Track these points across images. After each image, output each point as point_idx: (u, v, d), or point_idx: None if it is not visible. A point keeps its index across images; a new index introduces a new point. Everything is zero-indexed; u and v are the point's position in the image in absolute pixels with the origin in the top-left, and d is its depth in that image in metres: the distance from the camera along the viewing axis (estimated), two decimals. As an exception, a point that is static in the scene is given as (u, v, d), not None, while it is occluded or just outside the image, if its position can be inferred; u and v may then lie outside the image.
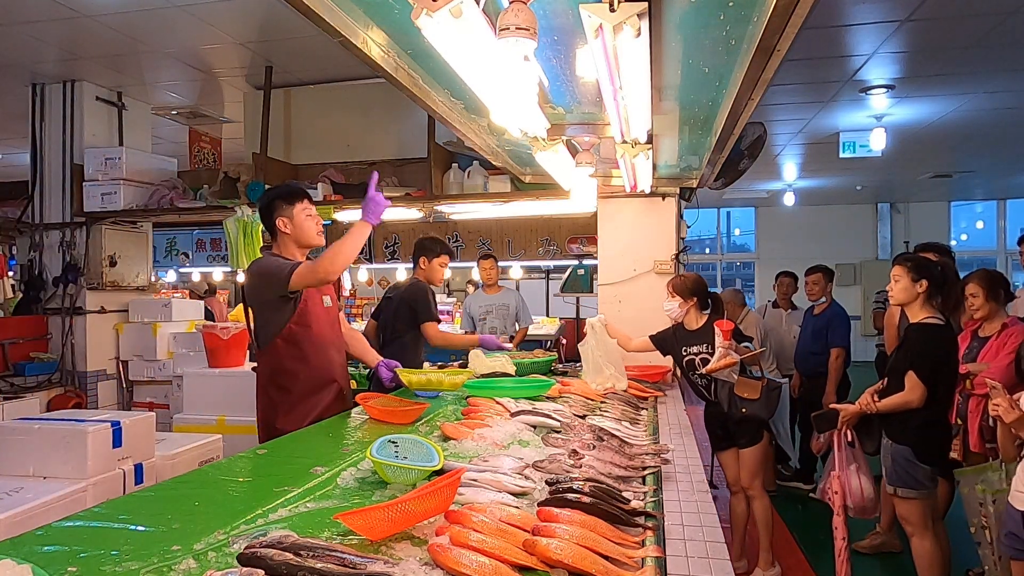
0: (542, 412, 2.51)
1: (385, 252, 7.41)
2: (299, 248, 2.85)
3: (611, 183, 4.30)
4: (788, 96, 6.23)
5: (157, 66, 5.38)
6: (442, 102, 2.73)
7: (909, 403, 3.00)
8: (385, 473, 1.71)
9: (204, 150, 6.99)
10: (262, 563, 1.16)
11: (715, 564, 1.43)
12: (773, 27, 1.69)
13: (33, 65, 5.32)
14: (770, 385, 3.47)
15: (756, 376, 3.52)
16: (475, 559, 1.21)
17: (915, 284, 3.08)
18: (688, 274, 3.89)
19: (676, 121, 3.08)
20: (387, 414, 2.61)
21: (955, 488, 4.07)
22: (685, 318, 3.68)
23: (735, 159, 4.65)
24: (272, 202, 2.85)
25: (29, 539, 1.40)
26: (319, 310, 2.84)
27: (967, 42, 4.89)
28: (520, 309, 5.86)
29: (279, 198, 2.84)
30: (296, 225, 2.81)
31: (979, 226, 14.32)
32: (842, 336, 5.15)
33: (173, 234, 8.92)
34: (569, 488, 1.55)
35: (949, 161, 9.55)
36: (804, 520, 4.87)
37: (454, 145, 5.31)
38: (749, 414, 3.47)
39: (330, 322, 2.91)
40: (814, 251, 11.99)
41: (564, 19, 1.88)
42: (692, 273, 3.93)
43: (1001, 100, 6.42)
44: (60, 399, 5.32)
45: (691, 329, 3.66)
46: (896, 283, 3.13)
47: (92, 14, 4.36)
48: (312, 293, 2.81)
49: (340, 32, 1.85)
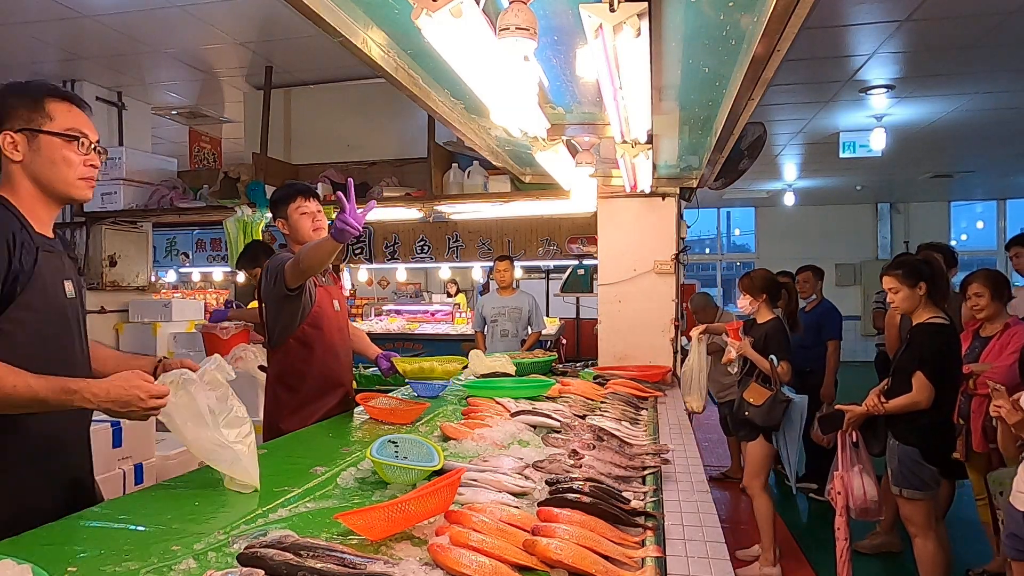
0: (542, 412, 2.51)
1: (385, 252, 7.41)
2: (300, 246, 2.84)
3: (611, 183, 4.30)
4: (788, 96, 6.23)
5: (157, 66, 5.38)
6: (442, 102, 2.73)
7: (917, 404, 2.99)
8: (385, 473, 1.71)
9: (204, 150, 6.99)
10: (262, 563, 1.16)
11: (715, 564, 1.43)
12: (773, 27, 1.69)
13: (33, 65, 5.32)
14: (777, 397, 3.56)
15: (769, 387, 3.64)
16: (475, 559, 1.21)
17: (914, 289, 3.08)
18: (755, 272, 4.05)
19: (676, 121, 3.07)
20: (387, 414, 2.61)
21: (955, 488, 4.08)
22: (757, 314, 3.91)
23: (735, 159, 4.64)
24: (273, 204, 2.88)
25: (29, 539, 1.40)
26: (330, 312, 2.85)
27: (967, 42, 4.89)
28: (532, 313, 5.80)
29: (276, 200, 2.86)
30: (291, 225, 2.81)
31: (979, 226, 14.33)
32: (836, 329, 5.17)
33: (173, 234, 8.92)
34: (569, 488, 1.55)
35: (949, 161, 9.55)
36: (805, 520, 4.88)
37: (454, 145, 5.31)
38: (749, 417, 3.69)
39: (339, 327, 2.91)
40: (814, 251, 12.00)
41: (564, 19, 1.88)
42: (760, 270, 4.09)
43: (1001, 100, 6.43)
44: (60, 399, 5.30)
45: (759, 322, 3.91)
46: (895, 294, 3.13)
47: (92, 14, 4.37)
48: (323, 297, 2.82)
49: (340, 32, 1.85)
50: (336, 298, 2.94)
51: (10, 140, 1.57)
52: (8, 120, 1.57)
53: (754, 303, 3.87)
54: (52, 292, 1.61)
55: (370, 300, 10.91)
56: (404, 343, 7.62)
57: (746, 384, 3.80)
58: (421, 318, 8.79)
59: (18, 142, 1.57)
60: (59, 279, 1.64)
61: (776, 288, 3.93)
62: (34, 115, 1.58)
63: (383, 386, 4.31)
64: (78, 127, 1.62)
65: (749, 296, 3.88)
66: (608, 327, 4.41)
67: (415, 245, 7.34)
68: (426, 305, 9.67)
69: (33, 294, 1.55)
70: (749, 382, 3.78)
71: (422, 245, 7.34)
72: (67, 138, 1.60)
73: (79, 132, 1.62)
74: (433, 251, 7.34)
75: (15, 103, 1.58)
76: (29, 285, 1.54)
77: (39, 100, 1.59)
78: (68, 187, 1.62)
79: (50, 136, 1.58)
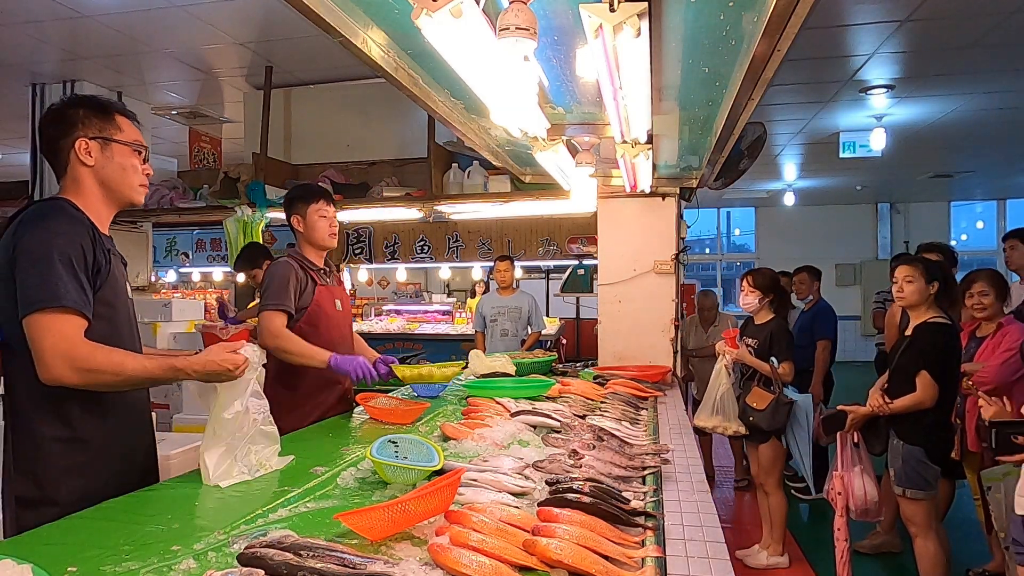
0: (542, 412, 2.50)
1: (385, 252, 7.41)
2: (312, 247, 2.87)
3: (611, 183, 4.30)
4: (788, 96, 6.23)
5: (157, 66, 5.38)
6: (442, 102, 2.73)
7: (922, 403, 3.00)
8: (385, 473, 1.71)
9: (204, 150, 6.99)
10: (262, 563, 1.16)
11: (715, 564, 1.42)
12: (773, 27, 1.69)
13: (33, 65, 5.32)
14: (780, 400, 3.56)
15: (771, 390, 3.65)
16: (475, 559, 1.21)
17: (929, 286, 3.09)
18: (766, 270, 4.04)
19: (676, 121, 3.07)
20: (387, 414, 2.61)
21: (955, 488, 4.08)
22: (757, 314, 3.90)
23: (735, 159, 4.64)
24: (291, 200, 2.89)
25: (29, 539, 1.40)
26: (331, 311, 2.86)
27: (967, 42, 4.89)
28: (532, 313, 5.79)
29: (295, 198, 2.88)
30: (308, 224, 2.83)
31: (979, 226, 14.33)
32: (828, 329, 5.16)
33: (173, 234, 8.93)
34: (569, 488, 1.55)
35: (949, 161, 9.55)
36: (805, 520, 4.88)
37: (454, 145, 5.32)
38: (754, 422, 3.70)
39: (339, 324, 2.91)
40: (814, 251, 12.00)
41: (564, 19, 1.88)
42: (769, 269, 4.08)
43: (1001, 100, 6.43)
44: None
45: (757, 323, 3.90)
46: (909, 284, 3.10)
47: (92, 14, 4.37)
48: (324, 296, 2.83)
49: (340, 32, 1.85)
50: (339, 298, 2.95)
51: (84, 145, 1.74)
52: (82, 128, 1.74)
53: (763, 300, 3.85)
54: (121, 289, 1.82)
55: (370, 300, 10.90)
56: (404, 343, 7.61)
57: (748, 389, 3.79)
58: (421, 318, 8.79)
59: (92, 148, 1.75)
60: (122, 278, 1.84)
61: (780, 291, 3.94)
62: (107, 126, 1.77)
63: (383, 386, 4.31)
64: (140, 140, 1.84)
65: (758, 293, 3.85)
66: (608, 327, 4.41)
67: (415, 245, 7.35)
68: (426, 305, 9.67)
69: (108, 291, 1.73)
70: (751, 387, 3.77)
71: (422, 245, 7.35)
72: (134, 148, 1.81)
73: (141, 145, 1.84)
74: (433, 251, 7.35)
75: (89, 114, 1.76)
76: (106, 282, 1.72)
77: (111, 114, 1.79)
78: (132, 191, 1.82)
79: (121, 145, 1.78)
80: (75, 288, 1.61)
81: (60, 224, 1.65)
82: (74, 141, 1.72)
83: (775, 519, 3.87)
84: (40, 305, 1.57)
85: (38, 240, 1.61)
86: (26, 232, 1.63)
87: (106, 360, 1.62)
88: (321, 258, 2.91)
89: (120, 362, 1.65)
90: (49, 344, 1.57)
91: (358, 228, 7.28)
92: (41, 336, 1.57)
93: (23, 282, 1.59)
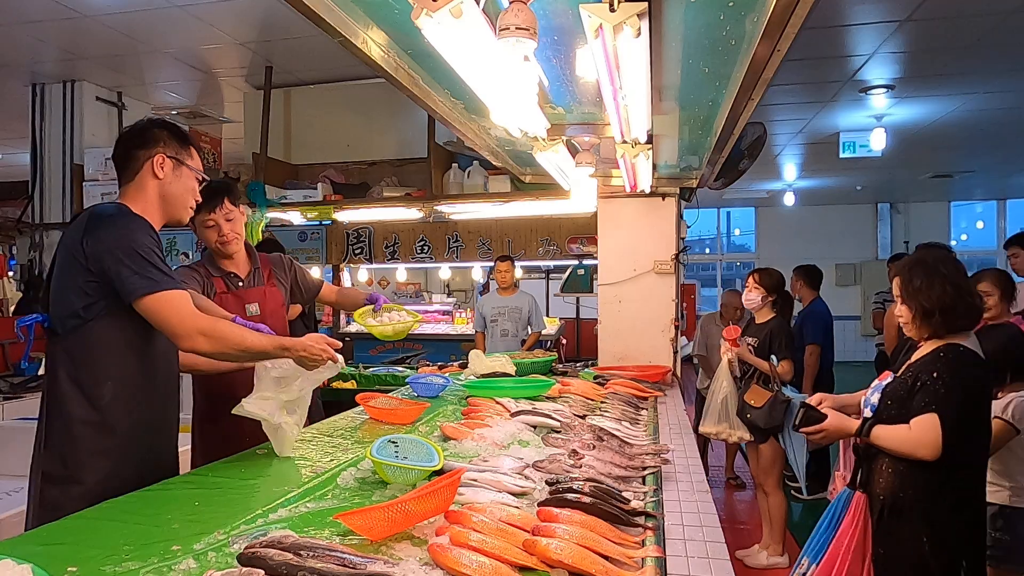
0: (542, 412, 2.50)
1: (385, 252, 7.40)
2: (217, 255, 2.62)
3: (611, 183, 4.30)
4: (788, 96, 6.23)
5: (157, 66, 5.38)
6: (442, 102, 2.73)
7: None
8: (385, 473, 1.72)
9: (204, 150, 6.98)
10: (262, 563, 1.16)
11: (715, 564, 1.43)
12: (773, 27, 1.69)
13: (33, 65, 5.32)
14: (778, 398, 3.57)
15: (770, 388, 3.66)
16: (475, 559, 1.21)
17: None
18: (773, 269, 4.03)
19: (676, 121, 3.07)
20: (387, 414, 2.61)
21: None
22: (758, 313, 3.91)
23: (735, 159, 4.65)
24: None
25: (29, 539, 1.40)
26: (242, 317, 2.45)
27: (967, 42, 4.89)
28: (532, 313, 5.78)
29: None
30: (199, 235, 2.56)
31: (979, 226, 14.33)
32: (814, 333, 5.12)
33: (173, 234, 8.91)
34: (569, 488, 1.55)
35: (949, 161, 9.55)
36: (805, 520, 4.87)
37: (454, 145, 5.32)
38: (752, 420, 3.71)
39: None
40: (814, 251, 11.99)
41: (564, 19, 1.88)
42: (776, 270, 4.06)
43: (1001, 100, 6.42)
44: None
45: (758, 322, 3.92)
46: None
47: (92, 14, 4.37)
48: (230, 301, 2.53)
49: (340, 32, 1.85)
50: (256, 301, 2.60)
51: (161, 160, 1.91)
52: (161, 145, 1.93)
53: (767, 299, 3.86)
54: None
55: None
56: (404, 343, 7.61)
57: (747, 386, 3.80)
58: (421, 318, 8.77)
59: (166, 165, 1.92)
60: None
61: (784, 294, 3.95)
62: (182, 151, 1.98)
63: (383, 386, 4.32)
64: (202, 171, 2.04)
65: (762, 291, 3.86)
66: (608, 327, 4.40)
67: (415, 245, 7.33)
68: (426, 305, 9.66)
69: None
70: (750, 384, 3.78)
71: (422, 245, 7.34)
72: (198, 176, 2.01)
73: (204, 176, 2.04)
74: (433, 251, 7.33)
75: (168, 136, 1.96)
76: None
77: (188, 143, 2.01)
78: (184, 211, 2.01)
79: (190, 170, 1.98)
80: (169, 271, 1.81)
81: (139, 222, 1.83)
82: (153, 155, 1.90)
83: (775, 519, 3.89)
84: (152, 287, 1.73)
85: (123, 234, 1.76)
86: (107, 229, 1.77)
87: (228, 330, 1.82)
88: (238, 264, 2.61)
89: (240, 333, 1.84)
90: (176, 319, 1.74)
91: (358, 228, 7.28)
92: (166, 314, 1.74)
93: (123, 271, 1.72)
